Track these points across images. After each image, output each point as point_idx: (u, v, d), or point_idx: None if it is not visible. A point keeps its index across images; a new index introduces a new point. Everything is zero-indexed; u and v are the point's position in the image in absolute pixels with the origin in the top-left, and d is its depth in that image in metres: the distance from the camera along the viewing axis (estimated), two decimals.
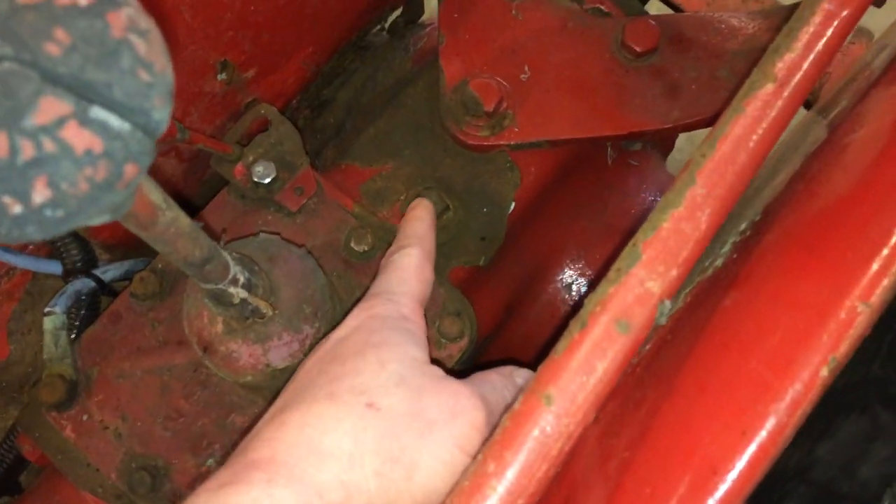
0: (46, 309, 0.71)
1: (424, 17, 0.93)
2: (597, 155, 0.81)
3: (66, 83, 0.22)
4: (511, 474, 0.37)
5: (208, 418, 0.69)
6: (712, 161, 0.43)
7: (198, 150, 0.75)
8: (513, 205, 0.77)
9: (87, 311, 0.75)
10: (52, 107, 0.22)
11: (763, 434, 0.39)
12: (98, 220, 0.27)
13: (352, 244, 0.71)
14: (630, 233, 0.44)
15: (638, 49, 0.74)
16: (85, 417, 0.69)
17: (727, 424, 0.40)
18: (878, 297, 0.39)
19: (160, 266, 0.72)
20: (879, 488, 0.48)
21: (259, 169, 0.72)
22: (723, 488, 0.39)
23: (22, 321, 0.87)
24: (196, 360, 0.69)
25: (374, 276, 0.69)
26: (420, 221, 0.68)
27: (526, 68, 0.75)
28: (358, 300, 0.60)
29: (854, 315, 0.39)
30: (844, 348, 0.39)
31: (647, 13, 0.83)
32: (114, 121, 0.23)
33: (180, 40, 0.64)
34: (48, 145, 0.22)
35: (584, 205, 0.84)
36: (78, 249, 0.76)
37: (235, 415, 0.69)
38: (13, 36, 0.22)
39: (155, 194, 0.33)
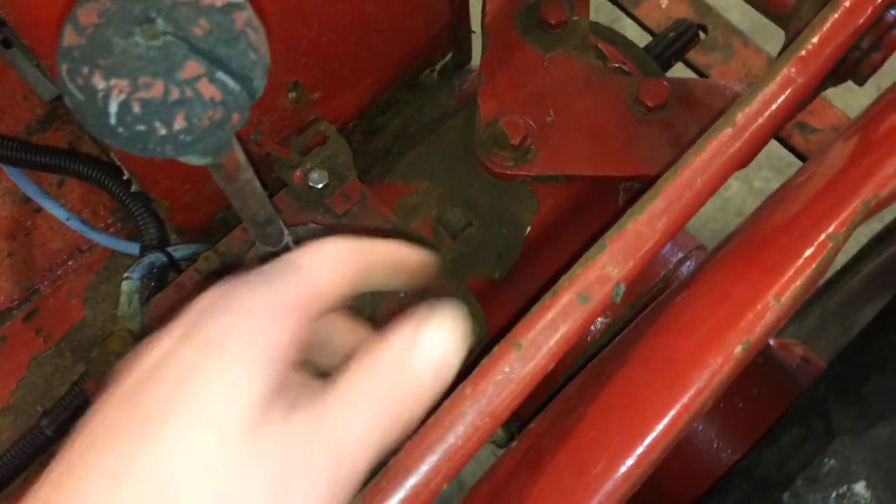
0: (125, 274, 0.84)
1: (471, 64, 1.06)
2: (609, 193, 0.92)
3: (204, 54, 0.34)
4: (483, 399, 0.47)
5: None
6: (672, 184, 0.54)
7: (263, 156, 0.88)
8: (528, 229, 0.88)
9: (156, 282, 0.87)
10: (193, 68, 0.34)
11: (686, 396, 0.49)
12: (201, 157, 0.39)
13: None
14: None
15: (649, 104, 0.86)
16: None
17: (659, 387, 0.50)
18: (789, 295, 0.49)
19: (222, 249, 0.85)
20: (797, 473, 0.57)
21: (314, 175, 0.85)
22: (650, 436, 0.49)
23: (97, 291, 1.00)
24: None
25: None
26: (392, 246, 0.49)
27: (551, 112, 0.87)
28: (383, 298, 0.70)
29: (767, 308, 0.49)
30: (758, 333, 0.49)
31: (663, 75, 0.94)
32: (230, 82, 0.35)
33: None
34: (188, 92, 0.34)
35: (595, 236, 0.95)
36: (156, 230, 0.90)
37: None
38: (174, 20, 0.34)
39: (240, 155, 0.45)
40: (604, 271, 0.50)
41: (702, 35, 1.43)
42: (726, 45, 1.50)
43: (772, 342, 1.02)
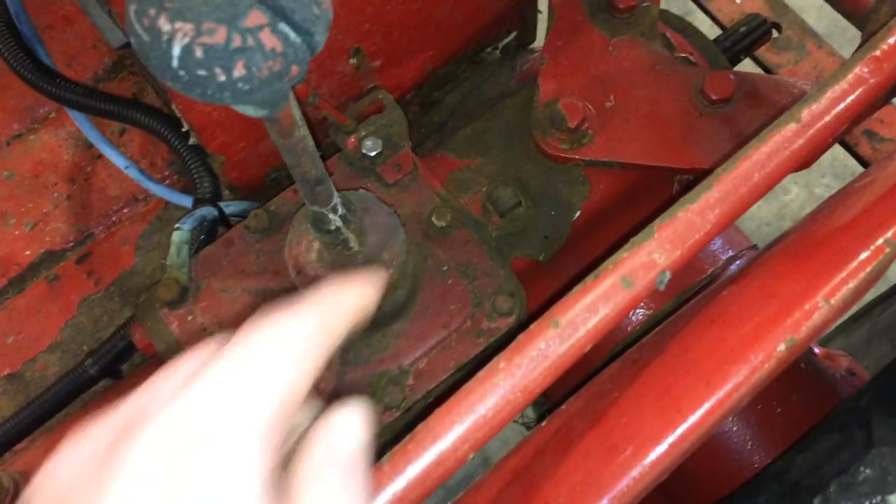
0: (176, 225, 0.85)
1: (535, 45, 1.05)
2: (663, 184, 0.91)
3: (268, 4, 0.34)
4: (516, 373, 0.47)
5: None
6: (729, 175, 0.53)
7: (320, 121, 0.89)
8: (578, 213, 0.87)
9: (206, 235, 0.89)
10: (256, 17, 0.34)
11: (722, 390, 0.48)
12: (258, 108, 0.40)
13: (433, 219, 0.83)
14: None
15: (713, 97, 0.84)
16: (189, 318, 0.82)
17: (697, 378, 0.49)
18: (839, 298, 0.48)
19: (272, 208, 0.86)
20: (830, 479, 0.56)
21: (368, 143, 0.85)
22: (683, 426, 0.48)
23: (149, 240, 1.03)
24: (287, 289, 0.82)
25: (446, 250, 0.81)
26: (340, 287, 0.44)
27: (611, 98, 0.86)
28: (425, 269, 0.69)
29: (815, 308, 0.48)
30: (803, 333, 0.48)
31: (730, 68, 0.92)
32: (291, 34, 0.35)
33: None
34: (250, 41, 0.34)
35: (645, 226, 0.93)
36: (210, 184, 0.91)
37: None
38: None
39: (296, 111, 0.46)
40: (650, 258, 0.49)
41: (775, 33, 1.40)
42: (799, 46, 1.46)
43: (818, 351, 1.00)
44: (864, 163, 1.31)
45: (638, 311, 0.92)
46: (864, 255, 0.48)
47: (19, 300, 1.01)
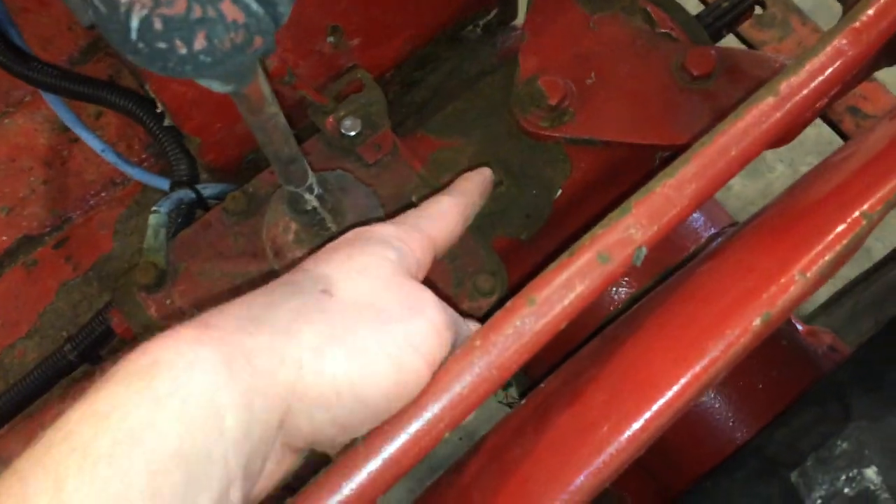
0: (153, 208, 0.84)
1: (517, 22, 1.04)
2: (645, 162, 0.90)
3: None
4: (492, 351, 0.47)
5: None
6: (707, 149, 0.52)
7: (298, 101, 0.88)
8: (559, 192, 0.87)
9: (183, 218, 0.88)
10: None
11: (698, 365, 0.48)
12: (224, 83, 0.39)
13: (413, 199, 0.83)
14: None
15: (694, 73, 0.83)
16: (168, 302, 0.82)
17: (673, 354, 0.49)
18: (815, 271, 0.48)
19: (251, 190, 0.85)
20: (808, 453, 0.56)
21: (347, 123, 0.84)
22: (659, 402, 0.48)
23: (127, 224, 1.02)
24: (265, 273, 0.81)
25: None
26: (467, 180, 0.71)
27: (592, 74, 0.85)
28: None
29: (791, 282, 0.47)
30: (779, 306, 0.47)
31: (712, 44, 0.91)
32: (254, 4, 0.34)
33: (302, 1, 0.77)
34: (210, 11, 0.33)
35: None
36: (186, 166, 0.90)
37: None
38: None
39: (265, 87, 0.45)
40: (627, 233, 0.49)
41: (759, 10, 1.39)
42: (783, 23, 1.45)
43: (801, 328, 1.00)
44: (847, 139, 1.31)
45: (620, 289, 0.92)
46: (839, 228, 0.48)
47: None
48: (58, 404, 0.92)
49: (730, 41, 1.37)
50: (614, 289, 0.93)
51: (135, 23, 0.33)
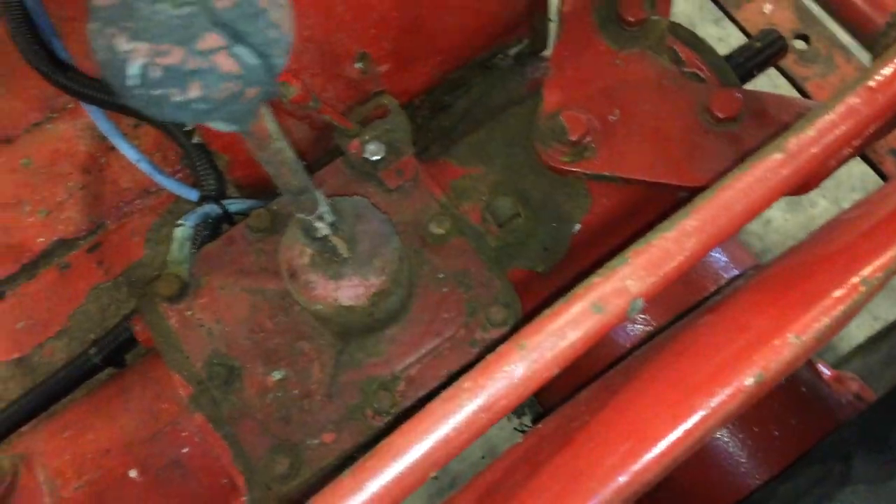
0: (179, 221, 0.86)
1: (548, 52, 1.04)
2: (666, 200, 0.90)
3: (225, 27, 0.35)
4: (481, 395, 0.47)
5: (282, 339, 0.82)
6: (709, 203, 0.52)
7: (326, 124, 0.90)
8: (578, 227, 0.87)
9: (209, 232, 0.90)
10: (213, 39, 0.35)
11: (689, 422, 0.48)
12: (226, 125, 0.40)
13: (431, 226, 0.83)
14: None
15: (720, 115, 0.83)
16: (188, 313, 0.84)
17: (664, 409, 0.49)
18: (811, 335, 0.47)
19: (275, 208, 0.87)
20: None
21: (371, 147, 0.86)
22: (653, 451, 0.48)
23: (159, 233, 1.04)
24: (284, 290, 0.83)
25: (443, 258, 0.81)
26: None
27: (616, 111, 0.85)
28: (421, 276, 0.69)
29: (785, 344, 0.47)
30: (773, 367, 0.47)
31: (740, 85, 0.91)
32: (249, 57, 0.35)
33: (331, 28, 0.78)
34: (205, 63, 0.35)
35: None
36: (215, 182, 0.92)
37: (304, 342, 0.81)
38: None
39: (271, 124, 0.46)
40: (623, 284, 0.49)
41: (803, 45, 1.37)
42: (827, 59, 1.43)
43: (828, 373, 0.98)
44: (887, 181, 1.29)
45: (636, 325, 0.92)
46: (838, 293, 0.48)
47: (30, 286, 1.03)
48: (81, 405, 0.94)
49: (772, 75, 1.36)
50: (631, 325, 0.93)
51: (133, 70, 0.35)
